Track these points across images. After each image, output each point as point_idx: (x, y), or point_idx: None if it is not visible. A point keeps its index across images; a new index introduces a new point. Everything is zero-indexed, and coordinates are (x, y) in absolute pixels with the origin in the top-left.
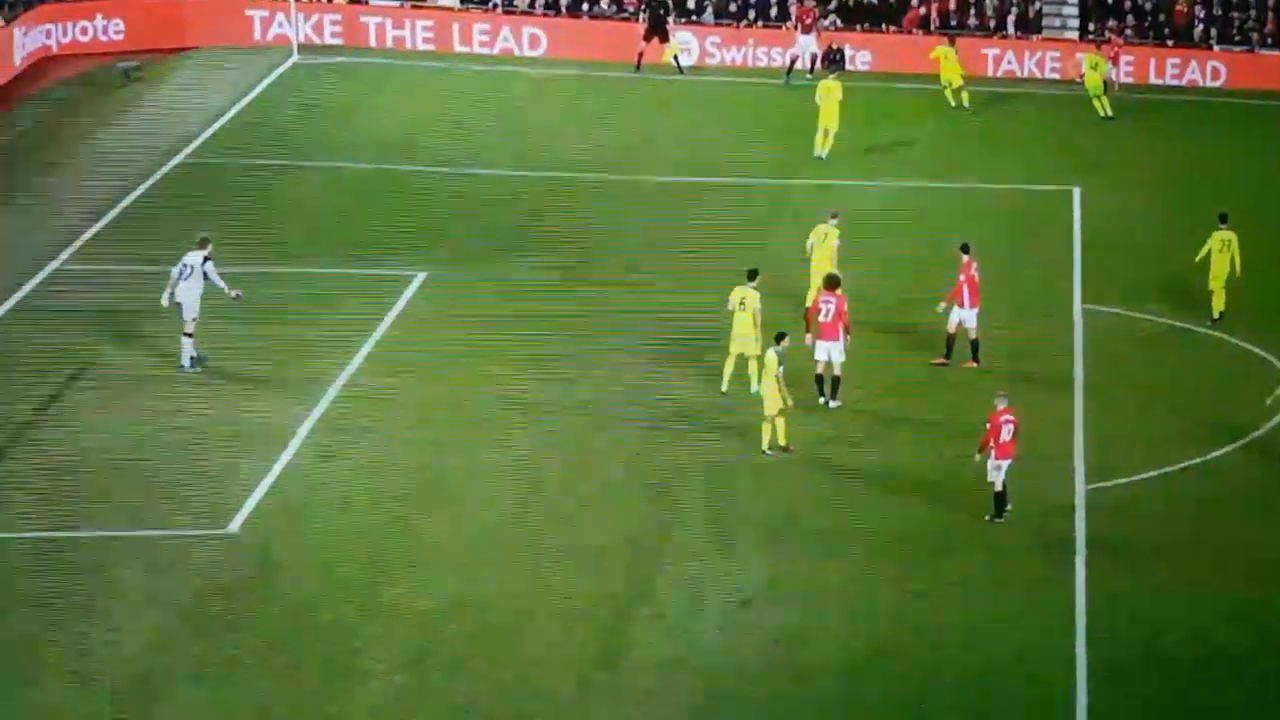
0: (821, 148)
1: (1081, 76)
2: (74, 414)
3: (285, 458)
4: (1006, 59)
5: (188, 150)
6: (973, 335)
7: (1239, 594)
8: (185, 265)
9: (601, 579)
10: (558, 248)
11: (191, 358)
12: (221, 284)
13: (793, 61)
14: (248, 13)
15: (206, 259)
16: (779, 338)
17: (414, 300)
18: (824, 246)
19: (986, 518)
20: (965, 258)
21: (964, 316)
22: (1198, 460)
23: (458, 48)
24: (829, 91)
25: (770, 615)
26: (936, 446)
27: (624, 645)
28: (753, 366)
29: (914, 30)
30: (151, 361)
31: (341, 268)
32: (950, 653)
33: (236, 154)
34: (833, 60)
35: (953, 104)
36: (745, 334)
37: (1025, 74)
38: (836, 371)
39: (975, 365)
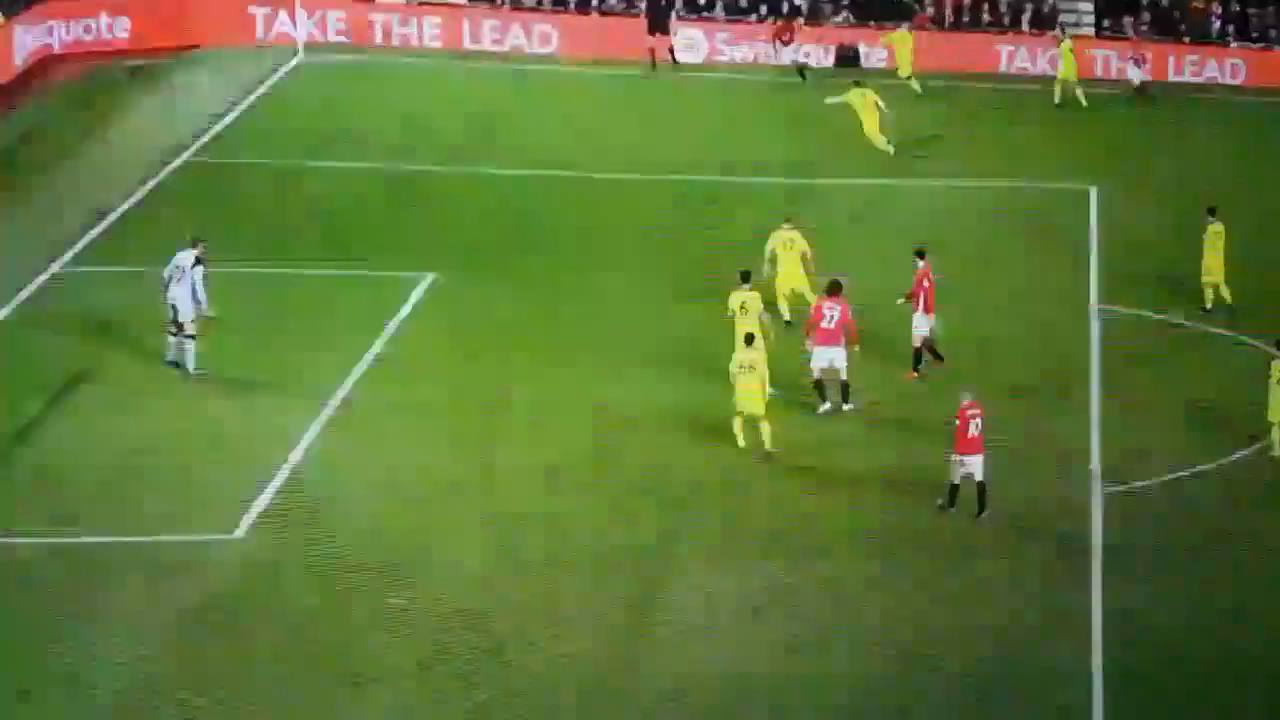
0: (886, 145)
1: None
2: (79, 418)
3: (293, 461)
4: (1020, 55)
5: (191, 150)
6: (916, 343)
7: (1255, 597)
8: (176, 266)
9: (612, 586)
10: (568, 247)
11: (178, 361)
12: (203, 296)
13: (799, 68)
14: (251, 10)
15: (198, 260)
16: (749, 339)
17: (422, 301)
18: (790, 254)
19: (938, 502)
20: (921, 263)
21: (917, 322)
22: (1215, 463)
23: (467, 45)
24: (865, 99)
25: (783, 623)
26: (938, 449)
27: (635, 653)
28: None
29: (928, 26)
30: (157, 364)
31: (349, 269)
32: (966, 658)
33: (241, 154)
34: (846, 60)
35: (918, 90)
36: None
37: (1039, 71)
38: (843, 376)
39: (916, 376)
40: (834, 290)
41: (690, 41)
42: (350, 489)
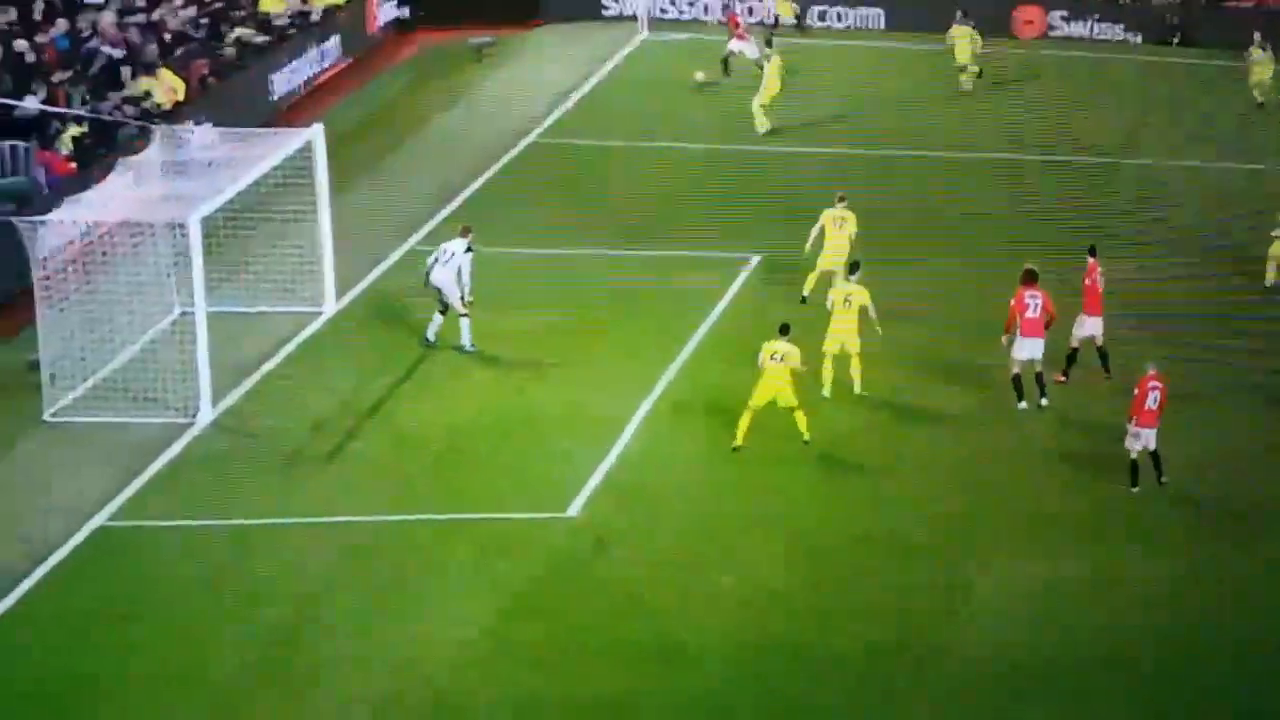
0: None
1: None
2: (419, 396)
3: (623, 441)
4: None
5: (539, 130)
6: (1099, 343)
7: None
8: (444, 250)
9: (913, 572)
10: (896, 228)
11: (433, 341)
12: (468, 281)
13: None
14: None
15: (469, 249)
16: (784, 330)
17: (750, 283)
18: (839, 233)
19: (1125, 489)
20: (1090, 260)
21: (1087, 325)
22: None
23: (810, 22)
24: (775, 64)
25: (1082, 609)
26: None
27: (935, 640)
28: (855, 364)
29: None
30: (496, 343)
31: (680, 249)
32: (1244, 642)
33: (582, 133)
34: (1167, 37)
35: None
36: (847, 330)
37: None
38: (1039, 368)
39: (1108, 377)
40: (1031, 279)
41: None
42: (677, 470)
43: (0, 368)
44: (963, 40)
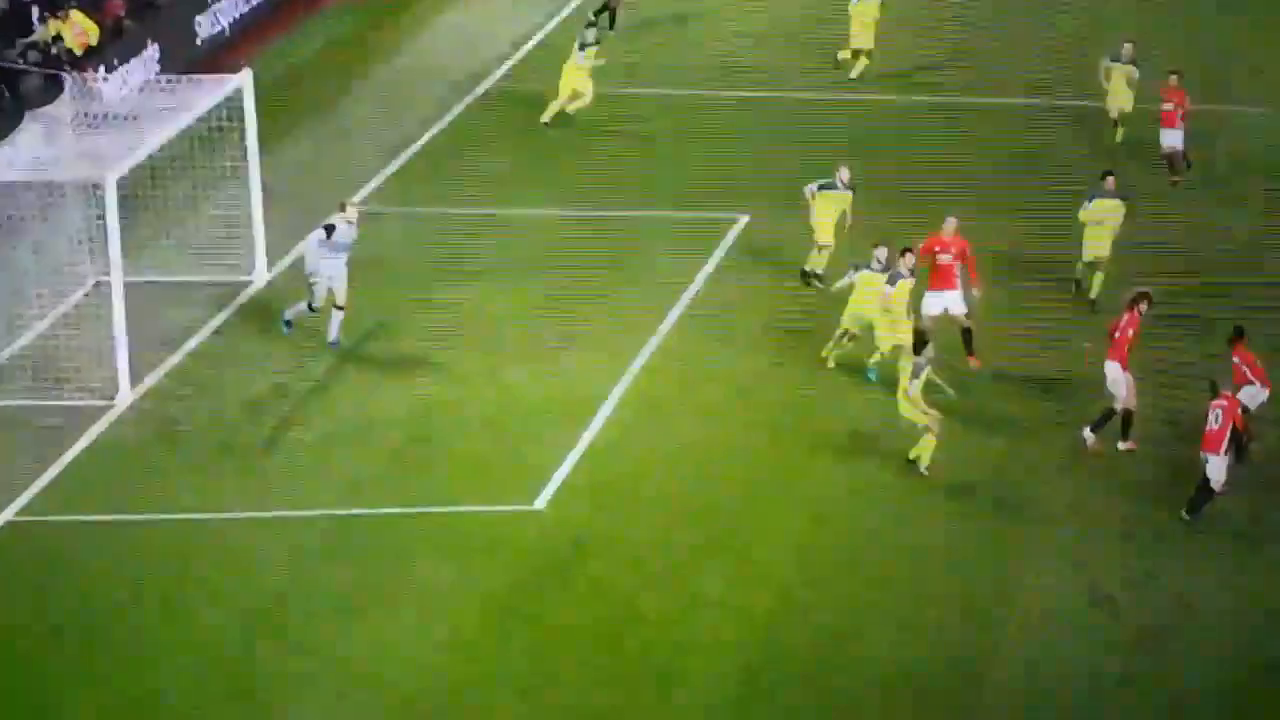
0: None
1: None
2: (364, 376)
3: (595, 426)
4: None
5: (495, 76)
6: (965, 323)
7: None
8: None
9: (945, 579)
10: (898, 184)
11: (289, 320)
12: (342, 249)
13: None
14: None
15: (329, 228)
16: (918, 347)
17: (735, 249)
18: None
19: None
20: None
21: (948, 301)
22: None
23: None
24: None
25: (1135, 615)
26: None
27: (972, 653)
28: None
29: None
30: (454, 314)
31: (655, 210)
32: None
33: (545, 81)
34: None
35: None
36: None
37: None
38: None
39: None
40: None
41: None
42: (657, 460)
43: None
44: (867, 13)
